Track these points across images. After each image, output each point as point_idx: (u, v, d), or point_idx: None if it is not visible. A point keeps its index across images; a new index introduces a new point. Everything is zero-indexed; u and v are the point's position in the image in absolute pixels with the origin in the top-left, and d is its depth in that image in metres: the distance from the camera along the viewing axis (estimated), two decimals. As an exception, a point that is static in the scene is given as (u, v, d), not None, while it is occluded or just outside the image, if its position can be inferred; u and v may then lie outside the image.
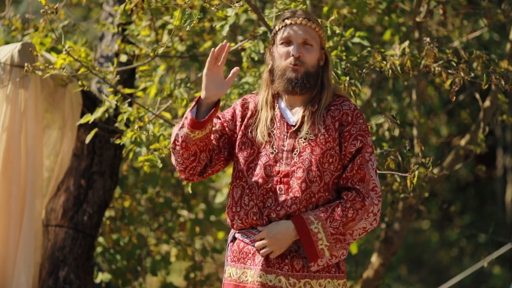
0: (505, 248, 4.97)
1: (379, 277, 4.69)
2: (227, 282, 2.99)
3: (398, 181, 4.20)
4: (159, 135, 3.79)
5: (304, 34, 2.97)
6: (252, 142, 2.99)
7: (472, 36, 5.02)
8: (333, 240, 2.91)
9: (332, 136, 2.96)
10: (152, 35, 4.24)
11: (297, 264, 2.93)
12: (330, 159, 2.95)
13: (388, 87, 5.05)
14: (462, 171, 8.09)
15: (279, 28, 3.00)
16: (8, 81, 3.95)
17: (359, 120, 2.99)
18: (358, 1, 4.21)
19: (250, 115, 3.03)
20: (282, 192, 2.93)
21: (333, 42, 3.85)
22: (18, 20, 4.33)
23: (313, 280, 2.93)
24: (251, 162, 2.98)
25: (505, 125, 4.78)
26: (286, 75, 2.96)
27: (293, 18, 2.98)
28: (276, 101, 3.03)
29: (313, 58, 2.98)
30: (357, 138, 2.97)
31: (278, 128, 2.98)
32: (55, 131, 4.27)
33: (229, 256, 3.02)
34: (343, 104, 3.01)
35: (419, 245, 8.82)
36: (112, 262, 4.75)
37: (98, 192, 4.30)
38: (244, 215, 2.96)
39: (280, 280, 2.92)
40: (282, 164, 2.95)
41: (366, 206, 2.93)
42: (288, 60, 2.96)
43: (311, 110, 2.97)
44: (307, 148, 2.95)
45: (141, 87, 4.18)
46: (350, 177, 2.96)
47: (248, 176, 2.97)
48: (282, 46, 2.99)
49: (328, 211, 2.91)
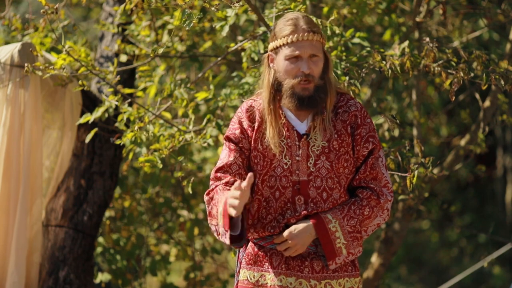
0: (505, 248, 4.97)
1: (379, 277, 4.69)
2: (244, 285, 2.97)
3: (398, 182, 4.20)
4: (159, 135, 3.79)
5: (310, 49, 2.91)
6: (264, 154, 2.96)
7: (472, 36, 5.02)
8: (350, 238, 2.93)
9: (345, 141, 2.96)
10: (152, 35, 4.24)
11: (317, 265, 2.94)
12: (345, 163, 2.96)
13: (388, 87, 5.05)
14: (462, 171, 8.08)
15: (283, 43, 2.92)
16: (8, 81, 3.95)
17: (367, 120, 3.00)
18: (358, 1, 4.21)
19: (257, 127, 2.98)
20: (301, 202, 2.93)
21: (333, 42, 3.85)
22: (18, 20, 4.33)
23: (333, 281, 2.94)
24: (265, 174, 2.95)
25: (505, 125, 4.77)
26: (296, 94, 2.91)
27: (298, 34, 2.90)
28: (281, 110, 2.98)
29: (320, 68, 2.95)
30: (368, 140, 2.98)
31: (288, 137, 2.95)
32: (55, 131, 4.27)
33: (244, 259, 3.00)
34: (349, 104, 3.00)
35: (419, 245, 8.82)
36: (112, 262, 4.74)
37: (98, 192, 4.30)
38: (261, 228, 2.95)
39: (301, 282, 2.93)
40: (298, 174, 2.93)
41: (381, 203, 2.97)
42: (297, 78, 2.91)
43: (321, 117, 2.95)
44: (321, 156, 2.94)
45: (141, 87, 4.18)
46: (363, 177, 2.98)
47: (264, 189, 2.95)
48: (289, 63, 2.92)
49: (345, 209, 2.93)
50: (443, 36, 4.95)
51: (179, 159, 3.74)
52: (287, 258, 2.94)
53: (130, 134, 3.73)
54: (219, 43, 4.92)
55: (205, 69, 4.15)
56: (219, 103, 3.90)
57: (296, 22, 2.93)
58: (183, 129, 3.80)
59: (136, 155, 4.19)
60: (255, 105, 3.02)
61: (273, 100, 2.96)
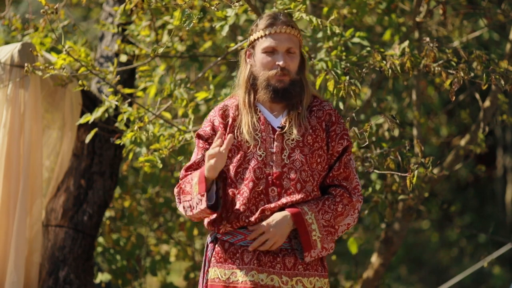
0: (505, 248, 4.97)
1: (379, 277, 4.69)
2: (215, 283, 2.96)
3: (398, 181, 4.20)
4: (159, 135, 3.79)
5: (288, 42, 2.97)
6: (238, 147, 2.98)
7: (472, 36, 5.02)
8: (324, 232, 2.95)
9: (320, 136, 3.00)
10: (152, 35, 4.24)
11: (288, 262, 2.95)
12: (318, 159, 2.99)
13: (388, 87, 5.05)
14: (462, 171, 8.09)
15: (261, 35, 2.98)
16: (8, 81, 3.95)
17: (341, 120, 3.05)
18: (358, 1, 4.21)
19: (232, 122, 3.01)
20: (275, 194, 2.95)
21: (333, 42, 3.85)
22: (18, 20, 4.33)
23: (304, 278, 2.95)
24: (239, 166, 2.97)
25: (505, 125, 4.77)
26: (271, 85, 2.96)
27: (276, 26, 2.96)
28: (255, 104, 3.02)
29: (296, 65, 3.00)
30: (343, 137, 3.02)
31: (263, 131, 2.98)
32: (55, 131, 4.27)
33: (214, 257, 2.99)
34: (323, 104, 3.06)
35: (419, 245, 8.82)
36: (112, 262, 4.74)
37: (98, 192, 4.30)
38: (235, 219, 2.95)
39: (272, 278, 2.93)
40: (273, 166, 2.96)
41: (353, 202, 3.00)
42: (273, 70, 2.96)
43: (296, 112, 2.99)
44: (296, 149, 2.96)
45: (141, 87, 4.18)
46: (336, 175, 3.02)
47: (237, 181, 2.97)
48: (266, 55, 2.97)
49: (319, 204, 2.96)
50: (443, 36, 4.95)
51: (179, 159, 3.74)
52: (259, 254, 2.94)
53: (130, 134, 3.73)
54: (219, 43, 4.92)
55: (205, 69, 4.15)
56: (219, 103, 3.90)
57: (274, 16, 3.00)
58: (183, 129, 3.80)
59: (136, 155, 4.18)
60: (229, 103, 3.06)
61: (249, 95, 3.01)
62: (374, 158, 3.81)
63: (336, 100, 3.60)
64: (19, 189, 3.95)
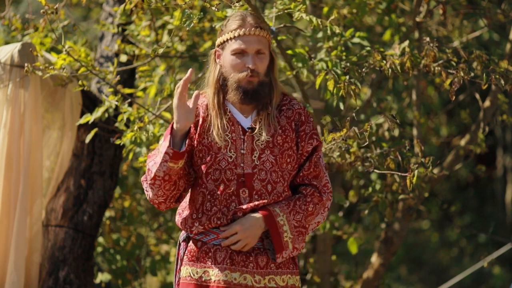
0: (505, 248, 4.98)
1: (379, 277, 4.69)
2: (187, 281, 2.96)
3: (398, 181, 4.20)
4: (159, 135, 3.79)
5: (257, 44, 2.96)
6: (209, 148, 2.97)
7: (472, 36, 5.02)
8: (296, 233, 2.96)
9: (289, 136, 3.00)
10: (152, 35, 4.24)
11: (261, 261, 2.96)
12: (288, 159, 3.00)
13: (388, 87, 5.05)
14: (462, 171, 8.09)
15: (230, 37, 2.97)
16: (8, 81, 3.95)
17: (310, 119, 3.05)
18: (358, 1, 4.21)
19: (202, 122, 3.00)
20: (246, 195, 2.95)
21: (333, 42, 3.85)
22: (18, 20, 4.33)
23: (277, 277, 2.96)
24: (209, 168, 2.96)
25: (505, 125, 4.77)
26: (241, 87, 2.95)
27: (245, 29, 2.96)
28: (226, 106, 3.02)
29: (265, 66, 2.99)
30: (313, 136, 3.03)
31: (233, 131, 2.98)
32: (55, 131, 4.27)
33: (186, 256, 2.99)
34: (293, 103, 3.06)
35: (419, 245, 8.83)
36: (112, 262, 4.74)
37: (98, 192, 4.30)
38: (207, 221, 2.95)
39: (245, 277, 2.93)
40: (243, 167, 2.96)
41: (323, 201, 3.01)
42: (243, 72, 2.95)
43: (266, 113, 2.99)
44: (266, 150, 2.97)
45: (141, 87, 4.18)
46: (306, 175, 3.03)
47: (208, 182, 2.96)
48: (235, 57, 2.96)
49: (291, 204, 2.97)
50: (443, 36, 4.95)
51: (179, 159, 3.73)
52: (231, 254, 2.94)
53: (130, 134, 3.73)
54: (219, 43, 4.91)
55: (205, 69, 4.15)
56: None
57: (244, 17, 2.99)
58: (183, 129, 3.80)
59: (136, 155, 4.18)
60: (199, 102, 3.04)
61: (218, 95, 3.00)
62: (374, 158, 3.81)
63: (336, 99, 3.60)
64: (19, 189, 3.95)
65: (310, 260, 4.81)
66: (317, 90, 4.34)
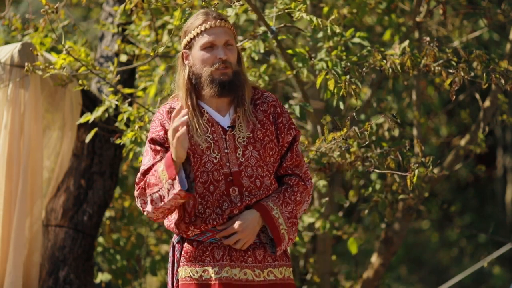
0: (505, 248, 4.98)
1: (379, 277, 4.69)
2: (187, 282, 2.96)
3: (398, 181, 4.19)
4: (159, 135, 3.78)
5: (225, 35, 2.97)
6: (193, 151, 2.96)
7: (472, 36, 5.03)
8: (289, 224, 3.00)
9: (269, 129, 3.02)
10: (152, 35, 4.24)
11: (259, 255, 2.98)
12: (270, 152, 3.02)
13: (388, 87, 5.05)
14: (462, 171, 8.09)
15: (196, 33, 2.98)
16: (8, 81, 3.95)
17: (284, 109, 3.09)
18: (358, 1, 4.21)
19: None
20: (236, 193, 2.96)
21: (333, 42, 3.85)
22: (18, 20, 4.33)
23: (274, 269, 2.99)
24: (196, 171, 2.96)
25: (505, 125, 4.77)
26: (216, 79, 2.95)
27: (210, 22, 2.97)
28: (201, 107, 3.01)
29: (236, 57, 3.01)
30: (291, 127, 3.06)
31: (213, 132, 2.98)
32: (55, 131, 4.27)
33: (183, 257, 2.98)
34: (266, 96, 3.08)
35: (419, 245, 8.83)
36: (112, 262, 4.74)
37: (98, 192, 4.30)
38: (202, 223, 2.95)
39: (245, 272, 2.95)
40: (229, 166, 2.96)
41: (307, 188, 3.07)
42: (215, 65, 2.95)
43: (243, 109, 3.00)
44: (248, 146, 2.98)
45: (141, 87, 4.18)
46: (289, 165, 3.07)
47: (197, 186, 2.96)
48: (205, 52, 2.96)
49: (281, 197, 3.00)
50: (443, 36, 4.95)
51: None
52: (230, 250, 2.95)
53: (130, 134, 3.73)
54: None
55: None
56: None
57: (206, 12, 3.01)
58: (183, 129, 3.80)
59: (136, 155, 4.19)
60: (175, 106, 3.02)
61: (190, 96, 2.99)
62: (374, 157, 3.81)
63: (337, 99, 3.60)
64: (19, 189, 3.95)
65: (310, 260, 4.81)
66: (317, 90, 4.35)
